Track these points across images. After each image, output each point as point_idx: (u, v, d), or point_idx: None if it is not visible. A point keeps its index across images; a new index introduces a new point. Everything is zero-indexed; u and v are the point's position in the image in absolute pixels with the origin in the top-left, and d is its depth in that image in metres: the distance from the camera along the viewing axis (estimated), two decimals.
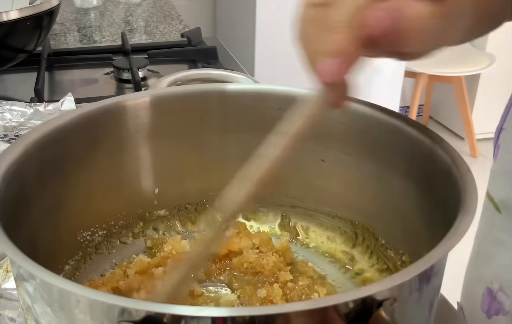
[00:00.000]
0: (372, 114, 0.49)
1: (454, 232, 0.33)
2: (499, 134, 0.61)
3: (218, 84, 0.59)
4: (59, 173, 0.46)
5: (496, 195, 0.59)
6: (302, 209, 0.56)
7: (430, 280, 0.33)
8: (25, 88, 0.97)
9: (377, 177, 0.49)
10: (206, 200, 0.57)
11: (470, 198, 0.36)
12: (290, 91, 0.53)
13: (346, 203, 0.53)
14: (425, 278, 0.32)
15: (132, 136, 0.52)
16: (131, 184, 0.53)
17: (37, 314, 0.32)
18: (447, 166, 0.41)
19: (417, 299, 0.32)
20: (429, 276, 0.33)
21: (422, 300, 0.33)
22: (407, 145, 0.46)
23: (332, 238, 0.54)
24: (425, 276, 0.32)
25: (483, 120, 2.67)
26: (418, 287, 0.32)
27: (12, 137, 0.77)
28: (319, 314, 0.28)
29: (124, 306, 0.27)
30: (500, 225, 0.59)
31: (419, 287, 0.32)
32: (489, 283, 0.60)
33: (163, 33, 1.31)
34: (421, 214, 0.45)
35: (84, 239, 0.50)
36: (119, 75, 1.01)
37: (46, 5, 0.94)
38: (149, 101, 0.52)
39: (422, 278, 0.32)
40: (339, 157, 0.52)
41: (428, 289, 0.33)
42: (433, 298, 0.35)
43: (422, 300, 0.33)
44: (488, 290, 0.60)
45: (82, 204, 0.49)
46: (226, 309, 0.28)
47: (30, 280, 0.31)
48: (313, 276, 0.50)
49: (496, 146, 0.61)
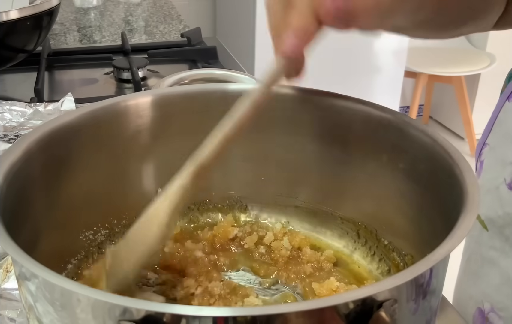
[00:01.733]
0: (373, 114, 0.49)
1: (456, 232, 0.33)
2: (482, 149, 0.60)
3: (220, 84, 0.59)
4: (61, 173, 0.46)
5: (482, 213, 0.58)
6: (304, 210, 0.55)
7: (432, 281, 0.33)
8: (25, 88, 0.97)
9: (379, 178, 0.49)
10: (208, 200, 0.57)
11: (472, 197, 0.36)
12: (290, 91, 0.53)
13: (348, 204, 0.53)
14: (427, 279, 0.32)
15: (134, 135, 0.52)
16: (133, 183, 0.53)
17: (39, 313, 0.32)
18: (449, 166, 0.41)
19: (418, 300, 0.32)
20: (431, 277, 0.33)
21: (423, 301, 0.33)
22: (409, 145, 0.46)
23: (334, 239, 0.54)
24: (427, 277, 0.32)
25: (483, 120, 2.65)
26: (419, 288, 0.32)
27: (12, 137, 0.77)
28: (319, 315, 0.28)
29: (125, 305, 0.27)
30: (488, 243, 0.58)
31: (420, 288, 0.32)
32: (479, 303, 0.59)
33: (163, 33, 1.31)
34: (423, 214, 0.45)
35: (87, 238, 0.50)
36: (119, 75, 1.01)
37: (46, 5, 0.94)
38: (151, 101, 0.52)
39: (423, 279, 0.32)
40: (340, 157, 0.52)
41: (429, 290, 0.33)
42: (434, 299, 0.35)
43: (423, 301, 0.33)
44: (479, 310, 0.59)
45: (85, 203, 0.49)
46: (227, 309, 0.28)
47: (32, 279, 0.31)
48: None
49: (479, 161, 0.60)
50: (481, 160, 0.60)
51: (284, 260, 0.51)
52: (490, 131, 0.59)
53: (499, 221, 0.56)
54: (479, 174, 0.60)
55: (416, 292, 0.32)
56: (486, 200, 0.57)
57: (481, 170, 0.60)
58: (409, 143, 0.46)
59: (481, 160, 0.60)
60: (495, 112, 0.59)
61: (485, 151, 0.59)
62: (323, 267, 0.50)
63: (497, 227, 0.56)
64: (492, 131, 0.59)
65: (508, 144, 0.56)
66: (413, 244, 0.47)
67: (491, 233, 0.57)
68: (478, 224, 0.59)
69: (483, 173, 0.59)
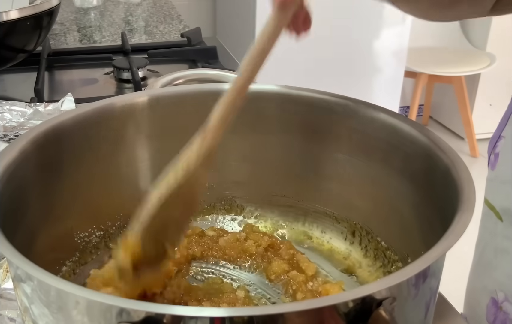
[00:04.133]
0: (371, 114, 0.49)
1: (452, 231, 0.33)
2: (497, 141, 0.60)
3: (215, 84, 0.59)
4: (56, 174, 0.46)
5: (497, 204, 0.59)
6: (300, 209, 0.55)
7: (429, 279, 0.33)
8: (25, 88, 0.97)
9: (375, 177, 0.49)
10: (203, 200, 0.57)
11: (468, 197, 0.36)
12: (287, 90, 0.53)
13: (344, 203, 0.53)
14: (424, 277, 0.32)
15: (129, 136, 0.52)
16: (128, 184, 0.53)
17: (34, 316, 0.32)
18: (446, 165, 0.41)
19: (416, 298, 0.32)
20: (428, 275, 0.33)
21: (421, 298, 0.33)
22: (406, 145, 0.46)
23: (330, 238, 0.54)
24: (424, 275, 0.32)
25: (483, 120, 2.67)
26: (417, 286, 0.32)
27: (12, 137, 0.77)
28: (319, 314, 0.28)
29: (123, 306, 0.27)
30: (503, 233, 0.58)
31: (418, 286, 0.32)
32: (493, 293, 0.59)
33: (163, 33, 1.31)
34: (419, 214, 0.45)
35: (82, 240, 0.50)
36: (119, 75, 1.01)
37: (46, 5, 0.94)
38: (146, 101, 0.52)
39: (420, 277, 0.32)
40: (336, 157, 0.52)
41: (426, 288, 0.33)
42: (431, 297, 0.35)
43: (421, 299, 0.33)
44: (492, 300, 0.59)
45: (79, 204, 0.49)
46: (225, 309, 0.28)
47: (27, 281, 0.31)
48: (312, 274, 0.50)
49: (494, 154, 0.61)
50: (496, 152, 0.60)
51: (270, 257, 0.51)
52: (506, 124, 0.59)
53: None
54: (493, 166, 0.60)
55: (414, 290, 0.32)
56: (502, 191, 0.58)
57: (496, 162, 0.60)
58: (406, 143, 0.46)
59: (495, 152, 0.60)
60: (511, 105, 0.59)
61: (501, 143, 0.60)
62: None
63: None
64: (508, 123, 0.59)
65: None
66: (409, 243, 0.47)
67: (506, 223, 0.58)
68: (493, 216, 0.59)
69: (498, 165, 0.60)
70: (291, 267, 0.50)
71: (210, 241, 0.53)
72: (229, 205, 0.57)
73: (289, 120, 0.53)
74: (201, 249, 0.52)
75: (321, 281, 0.48)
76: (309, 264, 0.50)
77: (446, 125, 3.01)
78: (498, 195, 0.59)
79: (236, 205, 0.57)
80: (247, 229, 0.55)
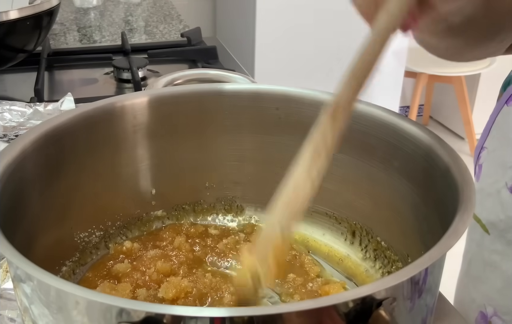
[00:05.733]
0: (371, 113, 0.49)
1: (453, 231, 0.33)
2: (480, 153, 0.60)
3: (215, 84, 0.59)
4: (56, 174, 0.46)
5: (483, 217, 0.58)
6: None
7: (429, 279, 0.33)
8: (24, 88, 0.97)
9: (375, 177, 0.49)
10: (203, 200, 0.57)
11: (468, 197, 0.36)
12: (287, 90, 0.53)
13: (344, 203, 0.53)
14: (424, 277, 0.32)
15: (129, 136, 0.52)
16: (128, 184, 0.53)
17: (34, 316, 0.32)
18: (446, 165, 0.41)
19: (417, 298, 0.32)
20: (428, 275, 0.33)
21: (421, 299, 0.33)
22: (406, 145, 0.46)
23: (330, 238, 0.54)
24: (424, 275, 0.32)
25: (483, 120, 2.65)
26: (417, 286, 0.32)
27: (11, 137, 0.77)
28: (319, 314, 0.28)
29: (123, 306, 0.27)
30: (490, 247, 0.58)
31: (418, 286, 0.32)
32: (482, 307, 0.59)
33: (163, 33, 1.31)
34: (419, 214, 0.45)
35: (81, 240, 0.50)
36: (119, 75, 1.01)
37: (46, 5, 0.94)
38: (146, 101, 0.52)
39: (421, 277, 0.32)
40: (336, 157, 0.52)
41: (427, 288, 0.33)
42: (432, 297, 0.35)
43: (421, 299, 0.33)
44: (481, 314, 0.59)
45: (79, 204, 0.49)
46: (225, 309, 0.28)
47: (27, 281, 0.31)
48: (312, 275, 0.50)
49: (477, 165, 0.60)
50: (480, 163, 0.59)
51: None
52: (488, 135, 0.59)
53: (500, 225, 0.56)
54: (478, 177, 0.60)
55: (415, 290, 0.32)
56: (487, 204, 0.57)
57: (480, 173, 0.60)
58: (406, 143, 0.46)
59: (479, 163, 0.60)
60: (492, 116, 0.59)
61: (484, 154, 0.59)
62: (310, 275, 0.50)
63: (499, 231, 0.56)
64: (490, 134, 0.58)
65: (508, 148, 0.55)
66: (409, 243, 0.47)
67: (493, 237, 0.57)
68: (479, 228, 0.59)
69: (482, 176, 0.59)
70: (292, 267, 0.50)
71: (212, 240, 0.53)
72: (229, 205, 0.57)
73: (289, 120, 0.53)
74: (201, 248, 0.52)
75: (321, 281, 0.48)
76: (313, 265, 0.50)
77: (446, 125, 3.01)
78: (484, 208, 0.58)
79: (236, 205, 0.57)
80: (247, 229, 0.55)
